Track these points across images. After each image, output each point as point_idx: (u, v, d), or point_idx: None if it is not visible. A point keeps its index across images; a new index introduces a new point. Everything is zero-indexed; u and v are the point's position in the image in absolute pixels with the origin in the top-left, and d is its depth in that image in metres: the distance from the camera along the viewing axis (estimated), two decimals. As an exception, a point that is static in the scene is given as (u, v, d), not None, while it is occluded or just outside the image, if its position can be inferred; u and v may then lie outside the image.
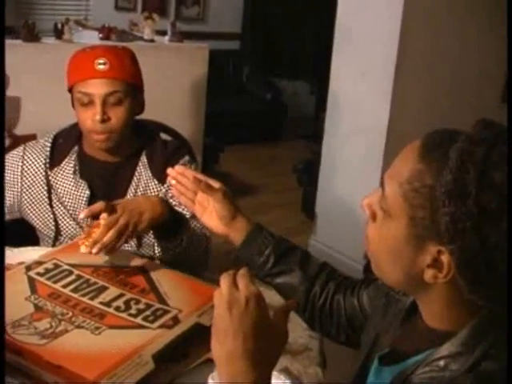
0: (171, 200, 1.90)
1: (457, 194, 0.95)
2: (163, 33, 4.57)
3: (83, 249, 1.54)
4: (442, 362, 1.00)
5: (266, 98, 7.36)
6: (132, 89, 1.93)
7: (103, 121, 1.86)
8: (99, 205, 1.65)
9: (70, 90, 1.95)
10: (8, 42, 3.77)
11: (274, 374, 1.26)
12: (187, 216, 1.88)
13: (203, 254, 1.95)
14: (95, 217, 1.66)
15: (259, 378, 1.03)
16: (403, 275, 1.07)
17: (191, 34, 5.25)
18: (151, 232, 1.95)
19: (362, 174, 4.19)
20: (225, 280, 1.12)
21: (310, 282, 1.50)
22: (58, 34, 3.88)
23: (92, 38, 4.08)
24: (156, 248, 1.89)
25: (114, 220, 1.63)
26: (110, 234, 1.60)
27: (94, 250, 1.58)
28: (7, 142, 3.24)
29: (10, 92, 3.44)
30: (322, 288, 1.47)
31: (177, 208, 1.85)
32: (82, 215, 1.68)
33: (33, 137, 2.97)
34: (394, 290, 1.23)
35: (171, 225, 1.77)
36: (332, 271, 1.54)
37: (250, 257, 1.55)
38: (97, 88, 1.86)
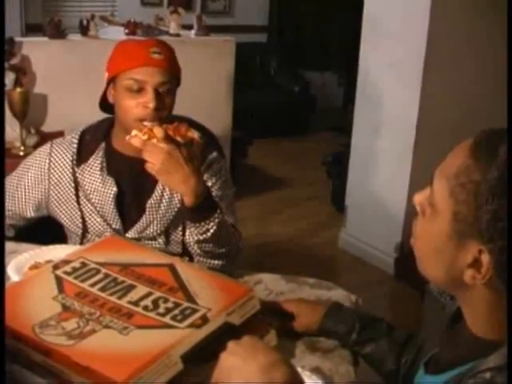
0: None
1: (500, 192, 0.92)
2: (189, 27, 4.55)
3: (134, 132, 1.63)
4: (487, 375, 0.95)
5: (294, 90, 7.32)
6: (176, 83, 1.93)
7: (156, 109, 1.84)
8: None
9: (112, 79, 1.92)
10: (34, 39, 3.80)
11: (306, 373, 1.23)
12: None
13: (234, 249, 1.92)
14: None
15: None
16: (444, 273, 1.05)
17: (217, 27, 5.23)
18: (179, 229, 1.94)
19: (391, 166, 4.14)
20: None
21: (398, 349, 1.49)
22: (84, 30, 3.87)
23: (118, 33, 4.07)
24: (188, 237, 1.86)
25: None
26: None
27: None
28: (35, 139, 3.24)
29: (36, 89, 3.45)
30: (414, 356, 1.43)
31: None
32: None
33: (60, 134, 2.97)
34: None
35: (205, 208, 1.75)
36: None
37: (333, 327, 1.55)
38: (151, 76, 1.85)
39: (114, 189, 1.94)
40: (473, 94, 3.94)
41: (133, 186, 1.93)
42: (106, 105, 2.02)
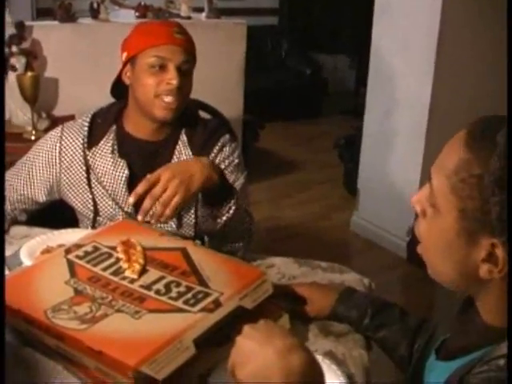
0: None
1: (505, 182, 0.90)
2: (200, 10, 4.52)
3: (129, 273, 1.46)
4: (501, 361, 0.94)
5: (305, 73, 7.28)
6: (194, 64, 1.94)
7: (179, 87, 1.85)
8: (143, 185, 1.63)
9: (131, 59, 1.91)
10: (45, 23, 3.79)
11: (318, 357, 1.22)
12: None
13: (246, 232, 1.91)
14: (142, 199, 1.64)
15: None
16: (457, 273, 1.03)
17: (228, 10, 5.19)
18: (192, 212, 1.94)
19: (404, 149, 4.12)
20: None
21: (411, 335, 1.47)
22: (94, 13, 3.85)
23: (128, 16, 4.05)
24: (201, 220, 1.85)
25: (160, 189, 1.62)
26: (162, 201, 1.61)
27: (140, 218, 1.63)
28: (46, 123, 3.23)
29: (47, 73, 3.44)
30: (426, 341, 1.41)
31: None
32: (131, 200, 1.66)
33: (71, 117, 2.97)
34: None
35: (221, 191, 1.75)
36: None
37: (346, 311, 1.54)
38: (174, 54, 1.86)
39: (126, 171, 1.93)
40: (486, 75, 3.90)
41: (144, 168, 1.91)
42: (117, 91, 2.02)
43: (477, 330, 1.06)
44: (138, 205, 1.67)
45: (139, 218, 1.65)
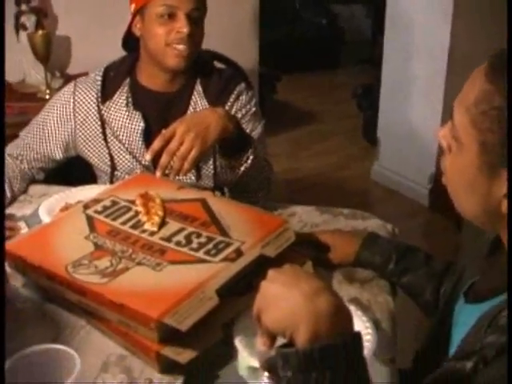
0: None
1: (509, 148, 0.87)
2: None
3: (149, 226, 1.45)
4: None
5: (321, 23, 7.18)
6: (204, 11, 1.90)
7: (189, 35, 1.82)
8: (159, 141, 1.61)
9: (139, 10, 1.87)
10: (55, -20, 3.71)
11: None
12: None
13: (265, 181, 1.89)
14: (159, 155, 1.62)
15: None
16: (480, 208, 1.00)
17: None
18: (210, 162, 1.91)
19: (423, 96, 4.06)
20: None
21: (437, 279, 1.45)
22: (105, -32, 3.78)
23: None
24: (220, 171, 1.83)
25: (176, 143, 1.60)
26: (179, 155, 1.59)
27: (158, 174, 1.62)
28: (60, 81, 3.20)
29: (59, 32, 3.40)
30: (453, 285, 1.39)
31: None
32: (147, 157, 1.65)
33: (85, 75, 2.93)
34: None
35: (238, 141, 1.72)
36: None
37: (370, 257, 1.51)
38: (183, 2, 1.82)
39: (141, 124, 1.90)
40: (505, 20, 3.80)
41: (160, 120, 1.89)
42: (128, 43, 1.98)
43: (505, 271, 1.03)
44: (155, 160, 1.66)
45: (158, 174, 1.63)
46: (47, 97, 2.99)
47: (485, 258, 1.14)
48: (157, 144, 1.62)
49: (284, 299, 0.91)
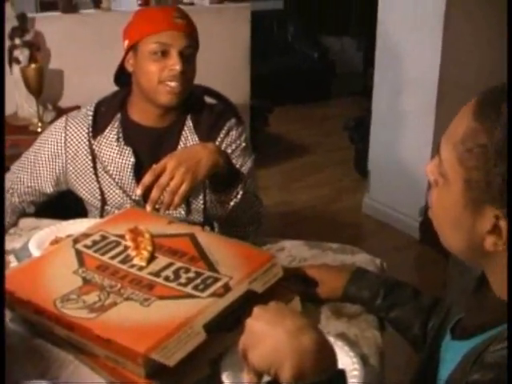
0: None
1: (508, 152, 0.88)
2: (203, -5, 4.49)
3: (138, 261, 1.45)
4: None
5: (312, 56, 7.25)
6: (196, 49, 1.93)
7: (182, 72, 1.84)
8: (149, 175, 1.63)
9: (133, 46, 1.89)
10: (47, 14, 3.78)
11: (331, 339, 1.21)
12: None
13: (255, 216, 1.90)
14: (150, 189, 1.63)
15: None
16: (465, 244, 1.01)
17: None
18: (200, 197, 1.92)
19: (414, 129, 4.09)
20: None
21: (425, 314, 1.45)
22: (96, 3, 3.83)
23: (131, 4, 4.01)
24: (210, 206, 1.84)
25: (167, 178, 1.61)
26: (170, 189, 1.61)
27: (149, 208, 1.63)
28: (52, 114, 3.22)
29: (51, 65, 3.43)
30: (440, 321, 1.40)
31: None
32: (138, 191, 1.66)
33: (77, 109, 2.94)
34: None
35: (228, 176, 1.73)
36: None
37: (357, 292, 1.52)
38: (176, 40, 1.85)
39: (132, 159, 1.92)
40: (494, 51, 3.86)
41: (150, 155, 1.91)
42: (121, 79, 2.00)
43: (491, 307, 1.04)
44: (146, 194, 1.67)
45: (148, 208, 1.64)
46: (39, 130, 3.01)
47: (471, 294, 1.15)
48: (147, 178, 1.63)
49: (268, 336, 0.92)
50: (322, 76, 7.25)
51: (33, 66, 3.15)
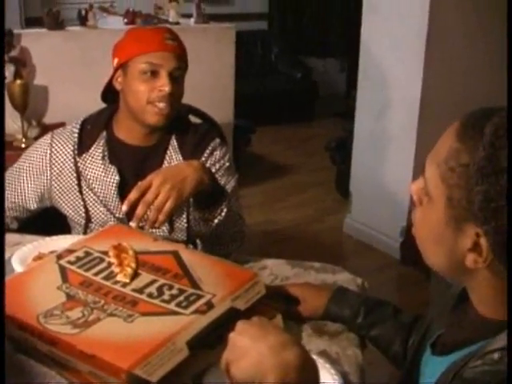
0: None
1: (490, 172, 0.91)
2: (189, 15, 4.53)
3: (121, 277, 1.46)
4: (496, 355, 0.93)
5: (296, 77, 7.30)
6: (185, 70, 1.95)
7: (171, 93, 1.85)
8: (135, 192, 1.64)
9: (122, 65, 1.90)
10: (33, 31, 3.79)
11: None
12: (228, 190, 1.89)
13: (238, 235, 1.92)
14: (134, 207, 1.64)
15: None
16: (447, 260, 1.03)
17: (217, 16, 5.19)
18: (183, 216, 1.94)
19: (395, 151, 4.13)
20: None
21: (406, 331, 1.47)
22: (83, 20, 3.86)
23: (117, 23, 4.05)
24: (193, 224, 1.85)
25: (152, 195, 1.62)
26: (155, 207, 1.62)
27: (134, 225, 1.64)
28: (36, 131, 3.23)
29: (37, 81, 3.44)
30: (421, 336, 1.41)
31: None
32: (124, 208, 1.67)
33: (61, 125, 2.95)
34: None
35: (212, 194, 1.75)
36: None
37: (338, 311, 1.54)
38: (166, 60, 1.86)
39: (117, 177, 1.93)
40: (476, 75, 3.91)
41: (135, 174, 1.92)
42: (107, 96, 2.02)
43: (471, 324, 1.06)
44: (130, 211, 1.69)
45: (133, 224, 1.65)
46: (23, 146, 3.02)
47: (451, 311, 1.17)
48: (133, 195, 1.64)
49: (251, 351, 0.94)
50: (305, 97, 7.30)
51: (18, 81, 3.16)
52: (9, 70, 3.23)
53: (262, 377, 0.91)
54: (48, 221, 2.09)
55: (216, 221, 1.79)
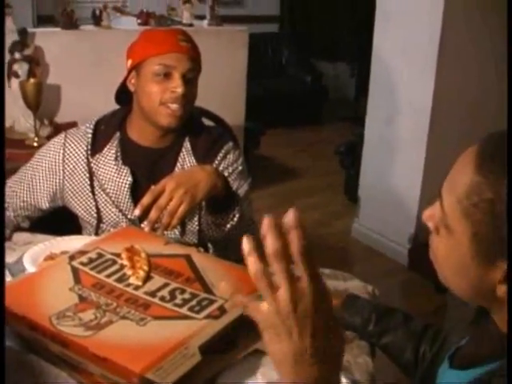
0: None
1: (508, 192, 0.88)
2: (202, 17, 4.53)
3: (134, 280, 1.46)
4: None
5: (306, 80, 7.30)
6: (199, 72, 1.95)
7: (184, 95, 1.86)
8: (148, 197, 1.64)
9: (136, 66, 1.91)
10: (47, 30, 3.80)
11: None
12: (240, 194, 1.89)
13: None
14: (147, 210, 1.65)
15: (328, 374, 0.95)
16: (470, 289, 1.01)
17: (229, 17, 5.20)
18: (195, 219, 1.94)
19: (405, 156, 4.12)
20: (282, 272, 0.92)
21: (416, 339, 1.46)
22: (97, 20, 3.86)
23: (130, 23, 4.06)
24: (205, 227, 1.85)
25: (166, 200, 1.63)
26: (168, 212, 1.62)
27: (147, 229, 1.64)
28: (48, 129, 3.23)
29: (50, 80, 3.44)
30: (431, 345, 1.39)
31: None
32: (137, 212, 1.68)
33: (74, 124, 2.97)
34: None
35: (225, 198, 1.75)
36: (439, 330, 1.47)
37: (350, 318, 1.53)
38: (179, 62, 1.86)
39: (130, 179, 1.93)
40: (487, 81, 3.90)
41: (148, 175, 1.92)
42: (121, 97, 2.02)
43: (493, 340, 1.03)
44: (142, 214, 1.69)
45: (146, 228, 1.66)
46: (35, 144, 3.02)
47: (470, 325, 1.16)
48: (146, 199, 1.65)
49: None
50: (315, 100, 7.30)
51: (32, 80, 3.16)
52: (22, 69, 3.24)
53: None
54: (59, 220, 2.10)
55: (228, 226, 1.79)
